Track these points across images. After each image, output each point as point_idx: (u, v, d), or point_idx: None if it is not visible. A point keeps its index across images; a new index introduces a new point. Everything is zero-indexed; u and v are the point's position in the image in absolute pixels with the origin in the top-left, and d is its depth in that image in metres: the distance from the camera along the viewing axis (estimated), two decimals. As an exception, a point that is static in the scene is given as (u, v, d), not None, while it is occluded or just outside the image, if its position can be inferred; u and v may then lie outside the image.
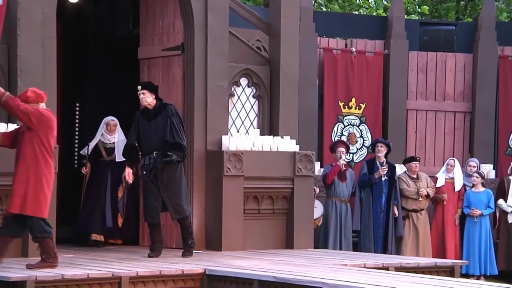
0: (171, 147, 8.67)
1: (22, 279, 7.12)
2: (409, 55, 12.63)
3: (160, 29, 10.32)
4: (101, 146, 10.39)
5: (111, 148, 10.37)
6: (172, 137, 8.68)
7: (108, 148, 10.39)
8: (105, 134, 10.41)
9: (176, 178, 8.77)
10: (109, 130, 10.38)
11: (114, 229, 10.26)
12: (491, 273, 11.57)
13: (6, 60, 8.85)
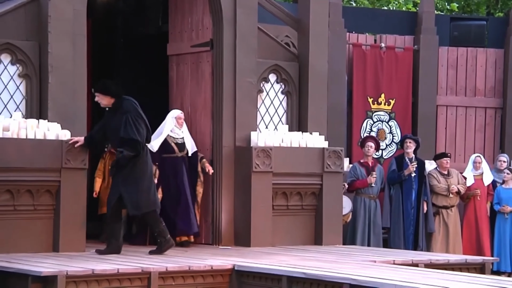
0: (124, 143, 8.46)
1: (53, 273, 7.20)
2: (439, 50, 12.58)
3: (189, 26, 10.38)
4: (171, 141, 9.80)
5: (182, 143, 9.82)
6: (125, 133, 8.41)
7: (180, 143, 9.84)
8: (174, 128, 9.83)
9: (136, 174, 8.51)
10: (179, 124, 9.85)
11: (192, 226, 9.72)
12: (523, 270, 11.51)
13: (37, 56, 8.95)
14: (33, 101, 8.94)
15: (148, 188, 8.60)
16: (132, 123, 8.44)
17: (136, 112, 8.56)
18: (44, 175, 8.62)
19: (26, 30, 8.93)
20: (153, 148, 9.52)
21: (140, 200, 8.54)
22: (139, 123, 8.50)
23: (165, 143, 9.75)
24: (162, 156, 9.70)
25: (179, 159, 9.77)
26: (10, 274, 7.54)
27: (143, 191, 8.55)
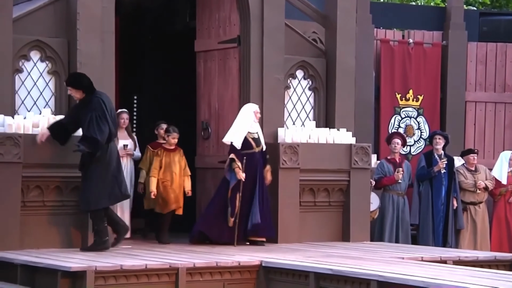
0: (84, 140, 8.35)
1: (82, 269, 7.27)
2: (468, 46, 12.50)
3: (216, 22, 10.41)
4: (249, 137, 9.49)
5: (258, 138, 9.56)
6: (87, 131, 8.36)
7: (256, 139, 9.55)
8: (252, 123, 9.54)
9: (90, 171, 8.42)
10: (257, 118, 9.55)
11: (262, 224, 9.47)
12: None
13: (66, 53, 9.02)
14: (62, 97, 9.02)
15: (103, 186, 8.45)
16: (96, 122, 8.37)
17: (102, 111, 8.43)
18: (73, 171, 8.69)
19: (55, 27, 9.01)
20: (237, 145, 9.37)
21: (90, 197, 8.41)
22: (103, 123, 8.40)
23: (245, 139, 9.47)
24: (242, 152, 9.42)
25: (257, 155, 9.53)
26: (39, 269, 7.63)
27: (96, 188, 8.42)
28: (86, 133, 8.40)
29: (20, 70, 8.88)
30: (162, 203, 9.64)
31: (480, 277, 7.13)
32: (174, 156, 9.67)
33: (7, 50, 8.63)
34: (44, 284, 7.53)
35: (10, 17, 8.69)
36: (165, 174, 9.59)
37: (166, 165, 9.61)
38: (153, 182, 9.57)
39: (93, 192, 8.45)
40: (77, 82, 8.58)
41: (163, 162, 9.62)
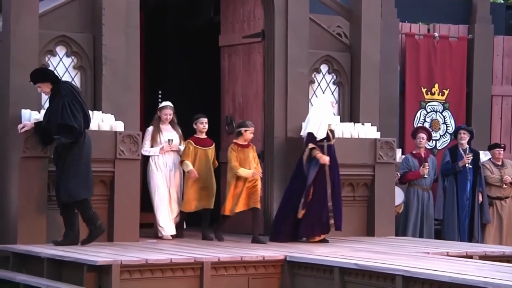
0: (60, 130, 8.16)
1: (108, 263, 7.32)
2: (495, 39, 12.42)
3: (240, 17, 10.41)
4: (327, 128, 9.31)
5: (333, 129, 9.43)
6: (62, 119, 8.11)
7: (333, 130, 9.42)
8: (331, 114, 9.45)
9: (70, 161, 8.24)
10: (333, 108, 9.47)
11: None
12: None
13: (92, 48, 9.08)
14: (88, 92, 9.07)
15: (81, 175, 8.28)
16: (68, 108, 8.17)
17: (72, 95, 8.23)
18: (98, 166, 8.75)
19: (80, 23, 9.07)
20: (320, 136, 9.17)
21: (71, 188, 8.24)
22: (75, 108, 8.20)
23: None
24: (318, 144, 9.21)
25: (332, 147, 9.33)
26: (65, 263, 7.70)
27: (75, 178, 8.24)
28: (60, 121, 8.15)
29: (46, 65, 8.94)
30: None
31: (507, 273, 7.09)
32: (248, 152, 9.28)
33: (33, 45, 8.70)
34: (70, 278, 7.59)
35: (36, 13, 8.75)
36: None
37: (241, 161, 9.21)
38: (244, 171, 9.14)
39: (73, 183, 8.24)
40: (42, 76, 8.40)
41: (237, 159, 9.22)
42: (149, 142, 9.51)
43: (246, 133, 9.26)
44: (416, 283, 7.04)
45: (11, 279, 7.94)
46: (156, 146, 9.53)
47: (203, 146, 9.55)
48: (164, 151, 9.48)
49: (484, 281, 6.55)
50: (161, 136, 9.53)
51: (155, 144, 9.53)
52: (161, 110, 9.63)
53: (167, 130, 9.62)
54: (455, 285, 6.72)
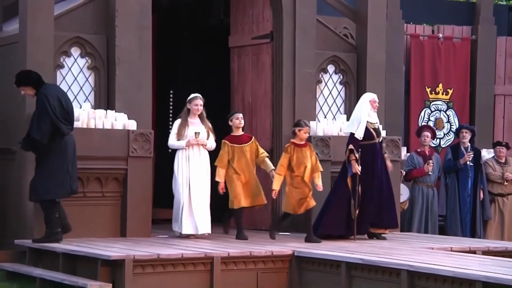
0: (25, 137, 8.18)
1: (121, 257, 7.34)
2: (497, 40, 12.40)
3: (249, 18, 10.43)
4: (370, 127, 9.10)
5: (378, 128, 9.19)
6: (29, 129, 8.10)
7: (376, 129, 9.17)
8: (370, 112, 9.15)
9: (43, 162, 8.14)
10: (374, 107, 9.16)
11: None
12: None
13: (105, 49, 9.10)
14: (101, 92, 9.11)
15: (52, 176, 8.11)
16: (36, 121, 8.07)
17: (43, 108, 8.05)
18: (112, 163, 8.79)
19: (94, 24, 9.09)
20: (359, 136, 8.99)
21: (39, 188, 8.12)
22: (43, 121, 8.03)
23: (366, 129, 9.07)
24: (364, 143, 9.02)
25: (378, 146, 9.15)
26: (80, 257, 7.73)
27: (45, 180, 8.11)
28: (28, 131, 8.16)
29: (61, 65, 8.99)
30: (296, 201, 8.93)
31: (509, 267, 7.08)
32: (306, 151, 8.95)
33: (49, 46, 8.73)
34: (85, 272, 7.62)
35: (51, 15, 8.78)
36: (298, 171, 8.89)
37: (299, 161, 8.88)
38: (276, 179, 8.88)
39: (43, 183, 8.12)
40: (25, 79, 8.25)
41: (294, 159, 8.90)
42: (175, 135, 9.02)
43: (300, 132, 8.95)
44: (420, 278, 7.04)
45: (28, 273, 7.99)
46: (183, 139, 8.99)
47: (240, 143, 9.10)
48: (189, 144, 8.95)
49: (486, 276, 6.55)
50: (187, 129, 9.00)
51: (181, 137, 9.00)
52: (191, 101, 9.06)
53: (195, 124, 9.06)
54: (458, 280, 6.73)
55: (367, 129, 9.07)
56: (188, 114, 9.09)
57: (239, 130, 9.18)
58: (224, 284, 7.71)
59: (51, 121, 8.06)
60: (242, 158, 9.06)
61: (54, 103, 8.08)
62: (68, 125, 8.19)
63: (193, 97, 9.15)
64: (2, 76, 9.17)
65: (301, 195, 8.90)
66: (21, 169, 8.72)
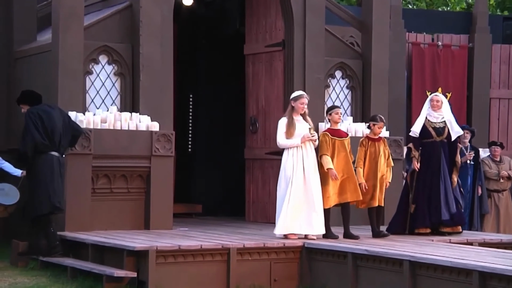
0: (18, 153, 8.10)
1: (145, 248, 7.35)
2: (493, 48, 12.34)
3: (263, 28, 10.42)
4: (429, 126, 8.86)
5: (441, 127, 8.86)
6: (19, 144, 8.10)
7: (438, 128, 8.87)
8: (432, 112, 8.88)
9: (30, 178, 8.07)
10: (433, 107, 8.84)
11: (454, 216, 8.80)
12: None
13: (130, 57, 9.12)
14: (127, 96, 9.12)
15: (34, 195, 7.96)
16: (21, 135, 8.05)
17: (26, 123, 8.00)
18: (136, 162, 8.80)
19: (120, 34, 9.11)
20: (414, 133, 8.80)
21: (26, 206, 8.06)
22: (27, 134, 7.95)
23: (424, 128, 8.82)
24: (422, 141, 8.81)
25: (437, 144, 8.80)
26: (107, 248, 7.75)
27: (29, 197, 8.01)
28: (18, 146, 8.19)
29: (90, 72, 9.01)
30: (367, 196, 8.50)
31: (504, 258, 7.05)
32: (379, 146, 8.58)
33: (79, 54, 8.75)
34: (112, 262, 7.63)
35: (81, 25, 8.81)
36: (370, 165, 8.51)
37: (371, 154, 8.53)
38: (359, 173, 8.43)
39: (29, 201, 8.04)
40: (20, 99, 8.35)
41: (367, 153, 8.55)
42: (284, 133, 8.23)
43: (374, 127, 8.58)
44: (421, 267, 7.01)
45: (60, 262, 8.01)
46: (291, 138, 8.21)
47: (340, 137, 8.41)
48: (304, 140, 8.18)
49: (482, 266, 6.52)
50: (296, 127, 8.20)
51: (291, 136, 8.21)
52: (297, 99, 8.26)
53: (300, 121, 8.31)
54: (457, 269, 6.70)
55: (425, 127, 8.81)
56: (293, 111, 8.31)
57: (337, 125, 8.50)
58: (240, 273, 7.70)
59: (32, 136, 7.96)
60: (341, 152, 8.35)
61: (36, 120, 8.01)
62: (46, 140, 7.99)
63: (298, 95, 8.35)
64: (37, 82, 9.21)
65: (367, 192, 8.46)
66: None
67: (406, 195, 8.97)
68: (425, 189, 8.81)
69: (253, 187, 10.39)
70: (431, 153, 8.83)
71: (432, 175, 8.82)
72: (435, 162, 8.83)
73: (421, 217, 8.78)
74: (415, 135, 8.85)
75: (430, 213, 8.79)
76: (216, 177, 11.64)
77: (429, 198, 8.81)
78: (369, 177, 8.54)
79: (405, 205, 8.91)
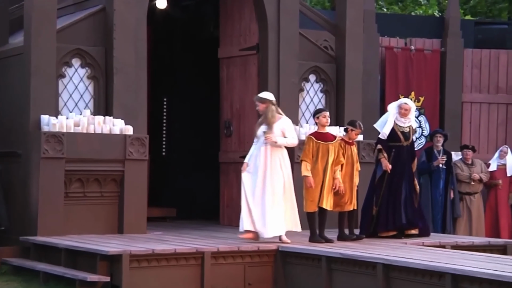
0: None
1: (119, 252, 7.30)
2: (464, 52, 12.44)
3: (237, 31, 10.41)
4: (398, 130, 8.89)
5: (407, 132, 8.92)
6: None
7: (405, 132, 8.91)
8: (398, 117, 8.91)
9: None
10: (401, 114, 8.89)
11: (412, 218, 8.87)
12: (542, 252, 11.33)
13: (104, 60, 9.05)
14: (100, 99, 9.05)
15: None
16: None
17: None
18: (110, 166, 8.74)
19: (94, 37, 9.04)
20: (385, 136, 8.83)
21: None
22: None
23: (393, 131, 8.85)
24: (389, 144, 8.84)
25: (404, 148, 8.85)
26: (80, 252, 7.68)
27: None
28: None
29: (63, 75, 8.93)
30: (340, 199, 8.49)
31: (475, 260, 7.10)
32: (351, 150, 8.61)
33: (51, 57, 8.67)
34: (85, 266, 7.57)
35: (54, 28, 8.73)
36: (347, 168, 8.49)
37: (348, 159, 8.52)
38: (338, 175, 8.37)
39: None
40: None
41: (345, 156, 8.51)
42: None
43: (351, 132, 8.61)
44: (394, 270, 7.03)
45: (32, 267, 7.93)
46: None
47: (325, 140, 8.35)
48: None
49: (454, 268, 6.55)
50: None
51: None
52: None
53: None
54: (429, 272, 6.73)
55: (394, 131, 8.87)
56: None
57: (324, 128, 8.45)
58: (214, 277, 7.67)
59: None
60: (325, 156, 8.30)
61: None
62: None
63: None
64: (9, 85, 9.11)
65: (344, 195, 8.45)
66: (26, 171, 8.65)
67: (371, 198, 8.98)
68: (390, 192, 8.87)
69: (228, 191, 10.37)
70: (398, 157, 8.90)
71: (398, 179, 8.89)
72: (401, 166, 8.92)
73: (383, 221, 8.85)
74: (384, 138, 8.91)
75: (394, 217, 8.84)
76: (191, 181, 11.60)
77: (394, 202, 8.88)
78: (345, 180, 8.56)
79: (371, 208, 8.95)
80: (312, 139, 8.34)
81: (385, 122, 9.01)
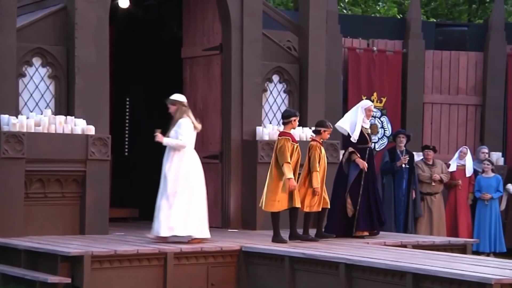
0: None
1: (80, 254, 7.22)
2: (425, 53, 12.55)
3: (201, 31, 10.37)
4: (365, 132, 8.99)
5: (369, 133, 9.12)
6: None
7: (369, 134, 9.12)
8: (365, 119, 9.02)
9: None
10: (368, 116, 9.05)
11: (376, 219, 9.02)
12: (500, 250, 11.49)
13: (65, 59, 8.96)
14: (62, 99, 8.95)
15: None
16: None
17: None
18: (71, 166, 8.64)
19: (55, 36, 8.94)
20: (353, 139, 8.87)
21: None
22: None
23: (361, 134, 8.94)
24: (358, 146, 8.90)
25: (371, 150, 9.06)
26: (41, 254, 7.58)
27: None
28: None
29: (23, 74, 8.81)
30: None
31: (436, 260, 7.16)
32: (324, 151, 8.72)
33: (11, 56, 8.55)
34: (46, 268, 7.47)
35: (14, 26, 8.61)
36: (321, 169, 8.50)
37: (321, 160, 8.55)
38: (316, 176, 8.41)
39: None
40: None
41: (320, 157, 8.53)
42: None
43: (324, 133, 8.65)
44: (357, 270, 7.07)
45: (-9, 269, 7.79)
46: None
47: (294, 141, 8.38)
48: None
49: (416, 267, 6.61)
50: None
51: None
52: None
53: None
54: (391, 271, 6.77)
55: (362, 133, 8.94)
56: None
57: (291, 130, 8.47)
58: (177, 277, 7.63)
59: None
60: (295, 156, 8.33)
61: None
62: None
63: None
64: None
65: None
66: None
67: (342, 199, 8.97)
68: (369, 193, 8.93)
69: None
70: (369, 158, 9.01)
71: (372, 179, 9.01)
72: (371, 167, 9.03)
73: (367, 221, 8.90)
74: (354, 141, 8.93)
75: (371, 217, 8.93)
76: (153, 181, 11.50)
77: (376, 202, 8.99)
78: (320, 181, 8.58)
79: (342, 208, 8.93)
80: (289, 140, 8.31)
81: (349, 123, 9.04)
